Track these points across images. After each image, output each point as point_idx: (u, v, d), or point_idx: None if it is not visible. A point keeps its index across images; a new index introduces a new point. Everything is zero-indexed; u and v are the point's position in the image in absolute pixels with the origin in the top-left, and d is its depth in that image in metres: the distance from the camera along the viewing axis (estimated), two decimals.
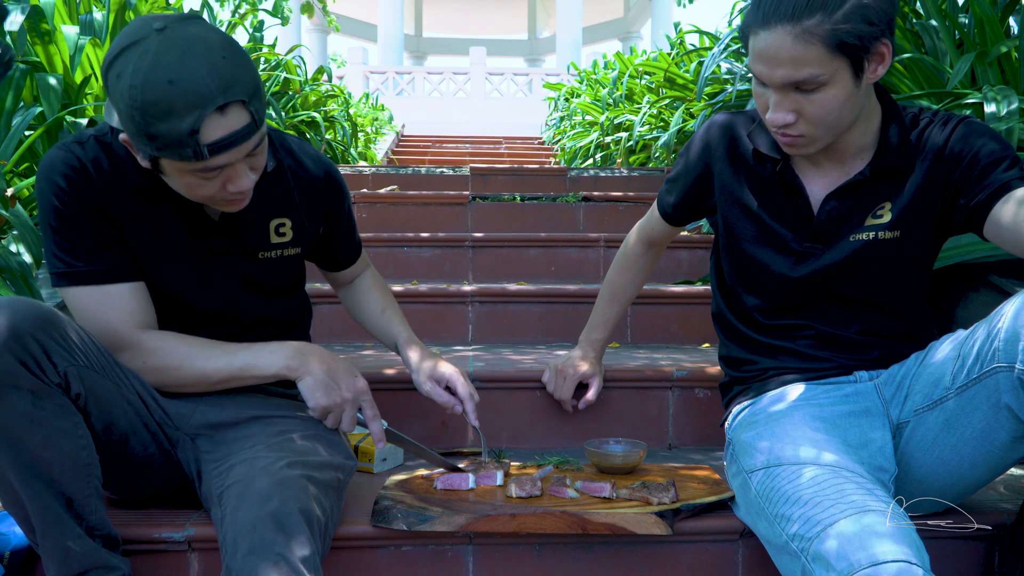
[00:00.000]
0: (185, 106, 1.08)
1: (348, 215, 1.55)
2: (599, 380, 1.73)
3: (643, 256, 1.70)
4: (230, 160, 1.15)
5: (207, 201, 1.23)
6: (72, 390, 1.16)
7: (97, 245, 1.26)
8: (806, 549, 1.08)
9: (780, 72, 1.19)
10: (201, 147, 1.10)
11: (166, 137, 1.09)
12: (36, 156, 2.81)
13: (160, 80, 1.07)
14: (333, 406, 1.30)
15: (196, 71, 1.08)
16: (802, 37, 1.15)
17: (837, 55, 1.17)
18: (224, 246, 1.35)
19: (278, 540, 1.06)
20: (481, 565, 1.36)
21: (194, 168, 1.14)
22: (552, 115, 9.41)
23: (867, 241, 1.33)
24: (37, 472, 1.12)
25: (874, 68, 1.21)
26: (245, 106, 1.13)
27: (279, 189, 1.39)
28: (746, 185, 1.41)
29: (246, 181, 1.19)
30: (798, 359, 1.39)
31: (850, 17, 1.15)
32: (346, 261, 1.62)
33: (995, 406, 1.16)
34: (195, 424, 1.33)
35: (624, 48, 18.52)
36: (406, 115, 13.00)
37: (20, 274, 1.90)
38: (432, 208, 3.45)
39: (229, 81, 1.10)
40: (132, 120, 1.10)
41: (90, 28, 3.22)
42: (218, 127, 1.11)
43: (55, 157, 1.24)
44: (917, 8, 2.62)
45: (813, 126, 1.24)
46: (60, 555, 1.14)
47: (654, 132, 5.12)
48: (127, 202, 1.28)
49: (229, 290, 1.37)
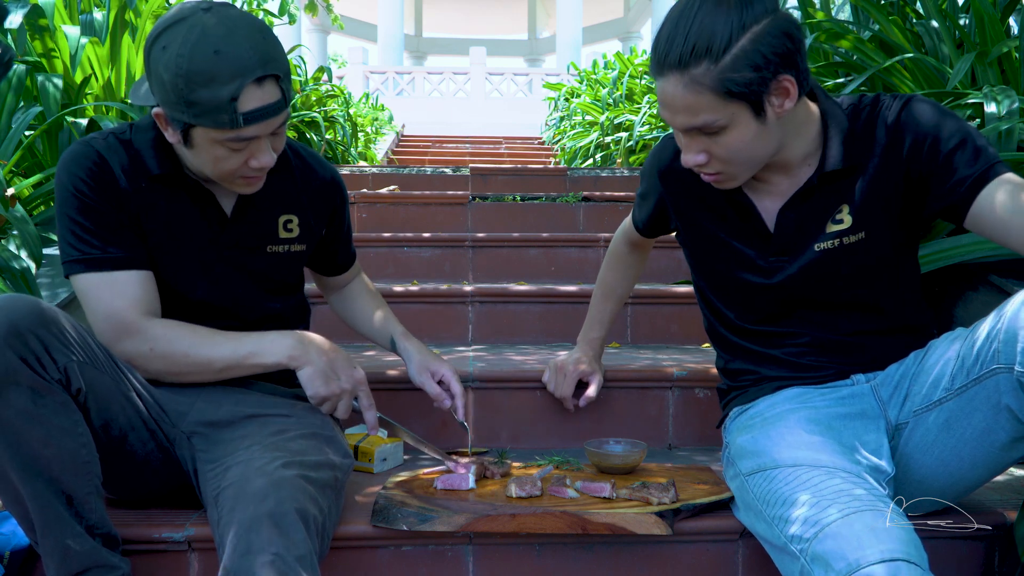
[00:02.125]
0: (228, 75, 1.16)
1: (347, 221, 1.60)
2: (599, 377, 1.73)
3: (630, 255, 1.71)
4: (259, 132, 1.22)
5: (227, 178, 1.28)
6: (72, 386, 1.17)
7: (112, 234, 1.30)
8: (805, 550, 1.08)
9: (679, 119, 1.19)
10: (237, 115, 1.18)
11: (206, 104, 1.17)
12: (36, 156, 2.81)
13: (207, 50, 1.16)
14: (331, 395, 1.33)
15: (240, 45, 1.17)
16: (691, 87, 1.14)
17: (730, 100, 1.15)
18: (234, 239, 1.39)
19: (275, 540, 1.06)
20: (481, 565, 1.36)
21: (226, 137, 1.20)
22: (552, 115, 9.41)
23: (831, 249, 1.31)
24: (38, 470, 1.12)
25: (780, 103, 1.18)
26: (278, 83, 1.22)
27: (288, 187, 1.43)
28: (702, 207, 1.40)
29: (268, 158, 1.26)
30: (792, 367, 1.37)
31: (737, 64, 1.12)
32: (343, 265, 1.65)
33: (995, 407, 1.16)
34: (192, 422, 1.33)
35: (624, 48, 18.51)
36: (406, 115, 13.00)
37: (20, 274, 1.90)
38: (432, 208, 3.45)
39: (268, 57, 1.19)
40: (175, 88, 1.17)
41: (90, 28, 3.22)
42: (254, 98, 1.19)
43: (77, 150, 1.30)
44: (917, 8, 2.62)
45: (726, 164, 1.23)
46: (60, 554, 1.14)
47: (654, 132, 5.12)
48: (144, 194, 1.32)
49: (236, 284, 1.40)
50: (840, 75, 2.78)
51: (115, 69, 3.13)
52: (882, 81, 2.48)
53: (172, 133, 1.24)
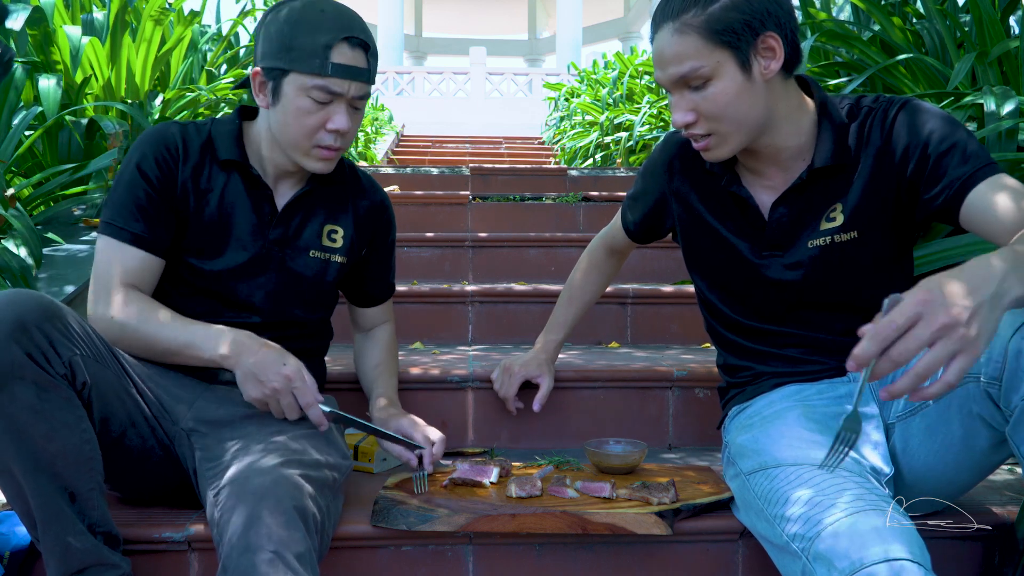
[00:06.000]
0: (329, 27, 1.32)
1: (389, 250, 1.63)
2: (548, 380, 1.71)
3: (606, 262, 1.71)
4: (342, 90, 1.33)
5: (304, 140, 1.36)
6: (77, 380, 1.18)
7: (145, 215, 1.36)
8: (807, 549, 1.07)
9: (668, 71, 1.24)
10: (328, 63, 1.31)
11: (304, 47, 1.31)
12: (36, 156, 2.81)
13: (316, 9, 1.34)
14: (265, 398, 1.29)
15: (344, 10, 1.36)
16: (680, 31, 1.22)
17: (716, 46, 1.20)
18: (281, 234, 1.44)
19: (274, 537, 1.06)
20: (481, 565, 1.36)
21: (314, 83, 1.32)
22: (552, 115, 9.42)
23: (824, 246, 1.31)
24: (42, 465, 1.13)
25: (767, 64, 1.22)
26: (367, 55, 1.36)
27: (339, 200, 1.51)
28: (703, 201, 1.42)
29: (343, 120, 1.35)
30: (789, 364, 1.37)
31: (724, 9, 1.20)
32: (373, 296, 1.65)
33: (969, 415, 1.16)
34: (192, 419, 1.34)
35: (624, 48, 18.51)
36: (406, 115, 13.00)
37: (20, 274, 1.90)
38: (432, 208, 3.45)
39: (362, 28, 1.36)
40: (280, 35, 1.33)
41: (91, 28, 3.23)
42: (345, 54, 1.33)
43: (161, 130, 1.42)
44: (918, 8, 2.62)
45: (715, 122, 1.25)
46: (60, 551, 1.15)
47: (654, 132, 5.12)
48: (207, 176, 1.42)
49: (270, 281, 1.43)
50: (840, 75, 2.78)
51: (115, 69, 3.13)
52: (882, 81, 2.48)
53: (262, 95, 1.37)
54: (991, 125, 1.90)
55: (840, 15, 3.04)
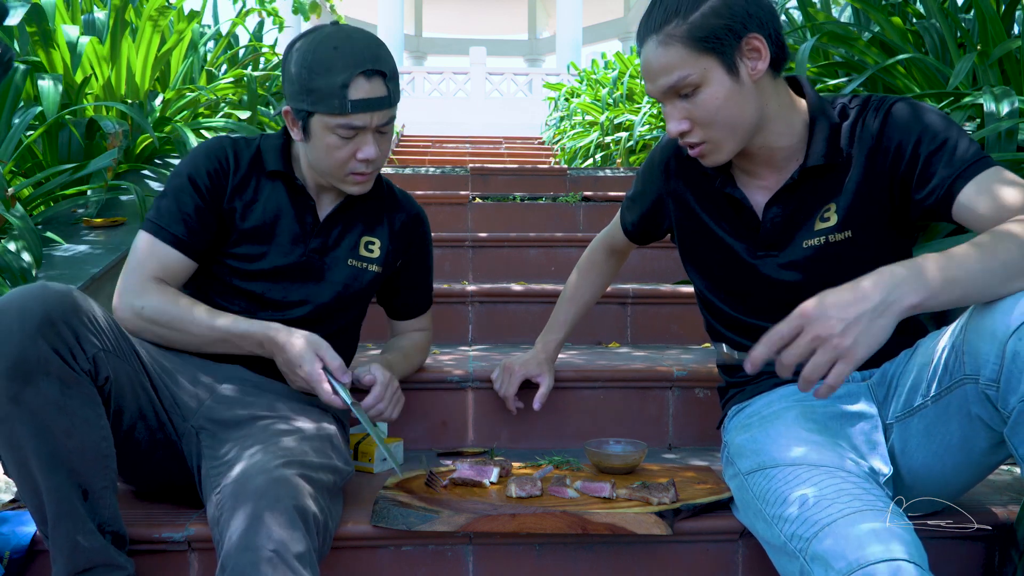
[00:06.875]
0: (342, 65, 1.35)
1: (425, 265, 1.70)
2: (548, 379, 1.71)
3: (605, 262, 1.72)
4: (365, 123, 1.38)
5: (338, 171, 1.43)
6: (100, 375, 1.20)
7: (187, 219, 1.44)
8: (804, 549, 1.07)
9: (657, 83, 1.26)
10: (346, 101, 1.35)
11: (323, 90, 1.35)
12: (36, 156, 2.81)
13: (328, 47, 1.36)
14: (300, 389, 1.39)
15: (355, 45, 1.37)
16: (664, 42, 1.23)
17: (701, 53, 1.22)
18: (320, 245, 1.51)
19: (274, 536, 1.06)
20: (481, 565, 1.36)
21: (337, 123, 1.37)
22: (552, 115, 9.41)
23: (818, 246, 1.32)
24: (60, 461, 1.14)
25: (753, 65, 1.23)
26: (385, 81, 1.39)
27: (377, 213, 1.59)
28: (699, 202, 1.43)
29: (371, 150, 1.41)
30: None
31: (705, 17, 1.22)
32: (404, 310, 1.72)
33: (967, 416, 1.16)
34: (202, 417, 1.36)
35: (624, 48, 18.50)
36: (406, 115, 12.96)
37: (20, 274, 1.90)
38: (432, 208, 3.44)
39: (377, 58, 1.38)
40: (299, 78, 1.37)
41: (91, 28, 3.22)
42: (362, 88, 1.36)
43: (214, 144, 1.50)
44: (918, 7, 2.62)
45: (708, 129, 1.26)
46: (69, 549, 1.15)
47: (654, 132, 5.12)
48: (255, 187, 1.49)
49: (308, 287, 1.50)
50: (840, 75, 2.78)
51: (115, 69, 3.13)
52: (882, 81, 2.48)
53: (295, 130, 1.44)
54: (991, 125, 1.90)
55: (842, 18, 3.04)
